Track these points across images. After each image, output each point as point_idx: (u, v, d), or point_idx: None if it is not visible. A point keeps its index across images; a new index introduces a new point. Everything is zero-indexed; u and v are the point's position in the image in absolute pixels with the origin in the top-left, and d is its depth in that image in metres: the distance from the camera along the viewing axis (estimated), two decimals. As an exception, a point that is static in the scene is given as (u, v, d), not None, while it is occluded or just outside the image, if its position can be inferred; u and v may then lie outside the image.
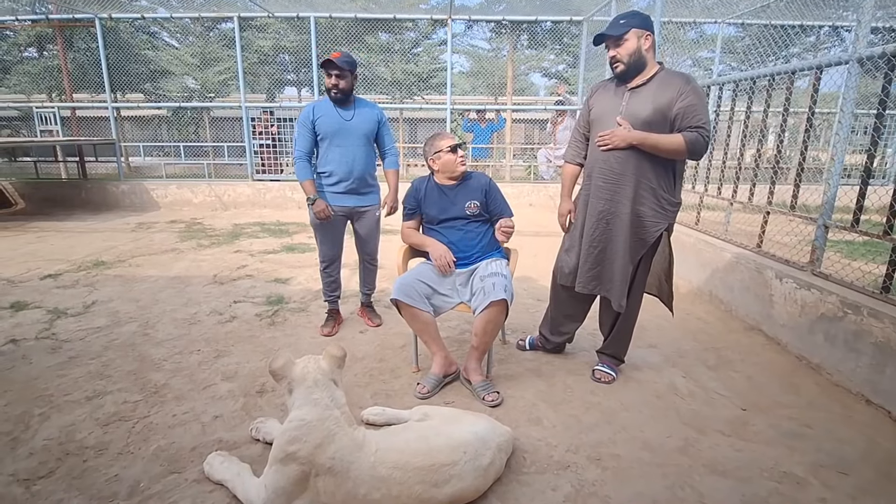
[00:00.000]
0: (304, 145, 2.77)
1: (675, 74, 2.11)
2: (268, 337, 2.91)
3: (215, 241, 5.36)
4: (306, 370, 1.67)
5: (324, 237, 2.90)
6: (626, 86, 2.17)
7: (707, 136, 2.04)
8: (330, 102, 2.78)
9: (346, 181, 2.80)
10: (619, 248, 2.21)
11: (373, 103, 2.92)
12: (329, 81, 2.70)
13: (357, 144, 2.79)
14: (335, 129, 2.74)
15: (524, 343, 2.80)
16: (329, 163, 2.79)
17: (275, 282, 3.93)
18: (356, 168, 2.80)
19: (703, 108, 2.04)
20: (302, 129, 2.76)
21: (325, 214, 2.74)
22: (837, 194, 2.71)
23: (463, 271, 2.43)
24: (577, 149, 2.42)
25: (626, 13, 2.11)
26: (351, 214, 2.92)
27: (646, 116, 2.08)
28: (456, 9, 7.21)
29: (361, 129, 2.80)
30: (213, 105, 11.20)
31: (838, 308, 2.48)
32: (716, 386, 2.49)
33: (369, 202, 2.93)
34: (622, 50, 2.10)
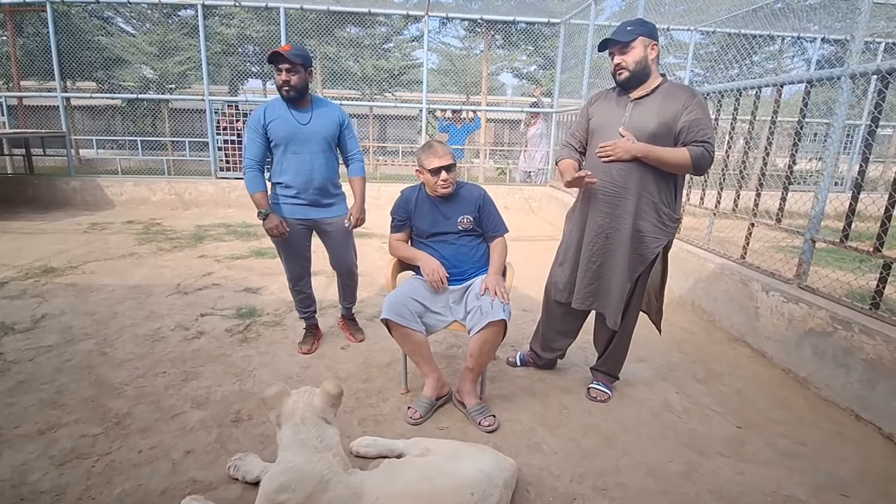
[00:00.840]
0: (254, 152, 2.46)
1: (679, 87, 2.05)
2: (240, 356, 2.70)
3: (177, 244, 5.03)
4: (296, 406, 1.51)
5: (287, 254, 2.63)
6: (628, 96, 2.09)
7: (712, 151, 1.99)
8: (284, 103, 2.46)
9: (305, 192, 2.52)
10: (618, 263, 2.14)
11: (333, 103, 2.63)
12: (279, 78, 2.37)
13: (316, 151, 2.50)
14: (290, 135, 2.44)
15: (514, 360, 2.70)
16: (284, 172, 2.50)
17: (245, 291, 3.69)
18: (315, 178, 2.51)
19: (708, 123, 1.99)
20: (252, 134, 2.45)
21: (279, 232, 2.45)
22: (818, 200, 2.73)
23: (456, 288, 2.29)
24: (571, 150, 2.32)
25: (634, 21, 2.04)
26: (314, 227, 2.64)
27: (650, 129, 2.02)
28: (431, 5, 7.04)
29: (320, 133, 2.50)
30: (172, 97, 10.60)
31: (828, 323, 2.49)
32: (708, 402, 2.47)
33: (334, 213, 2.63)
34: (628, 57, 2.02)
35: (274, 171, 2.54)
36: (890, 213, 2.32)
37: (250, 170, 2.47)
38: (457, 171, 2.34)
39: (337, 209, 2.66)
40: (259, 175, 2.48)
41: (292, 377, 2.49)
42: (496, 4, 8.00)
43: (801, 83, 2.80)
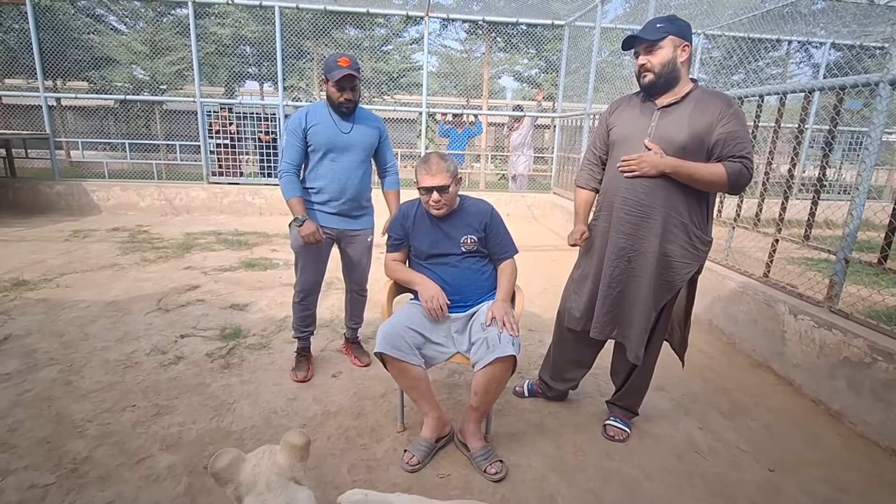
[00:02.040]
0: (293, 156, 2.38)
1: (713, 94, 1.81)
2: (220, 385, 2.45)
3: (163, 254, 4.77)
4: (257, 471, 1.27)
5: (307, 263, 2.49)
6: (654, 103, 1.86)
7: (751, 167, 1.76)
8: (326, 109, 2.40)
9: (336, 201, 2.43)
10: (642, 290, 1.90)
11: (374, 115, 2.56)
12: (342, 95, 2.32)
13: (354, 161, 2.43)
14: (330, 142, 2.37)
15: (522, 390, 2.47)
16: (319, 178, 2.41)
17: (231, 308, 3.44)
18: (350, 187, 2.43)
19: (746, 136, 1.76)
20: (292, 137, 2.37)
21: (316, 238, 2.33)
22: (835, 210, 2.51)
23: (459, 316, 2.05)
24: (591, 172, 2.10)
25: (664, 17, 1.80)
26: (339, 237, 2.53)
27: (679, 141, 1.78)
28: (431, 6, 6.82)
29: (361, 143, 2.44)
30: (163, 98, 10.34)
31: (866, 353, 2.26)
32: (735, 439, 2.24)
33: (361, 226, 2.55)
34: (655, 58, 1.79)
35: (308, 175, 2.45)
36: (939, 233, 2.10)
37: (287, 174, 2.38)
38: (457, 188, 2.07)
39: (365, 221, 2.58)
40: (296, 180, 2.40)
41: (276, 411, 2.25)
42: (498, 6, 7.79)
43: (832, 89, 2.57)
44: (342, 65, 2.26)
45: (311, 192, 2.44)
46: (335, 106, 2.36)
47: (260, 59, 12.20)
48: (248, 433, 2.08)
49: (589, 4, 6.72)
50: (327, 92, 2.35)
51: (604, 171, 2.07)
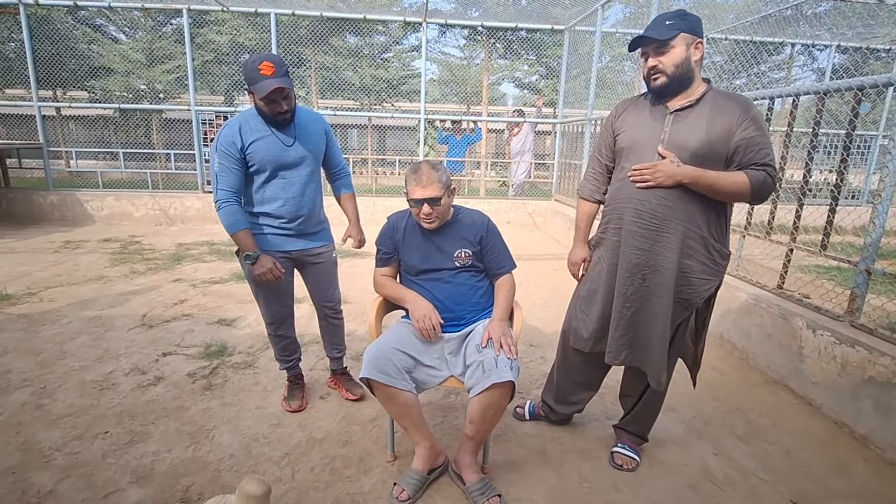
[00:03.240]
0: (231, 181, 1.99)
1: (729, 96, 1.66)
2: (200, 409, 2.29)
3: (153, 266, 4.64)
4: None
5: (269, 295, 2.20)
6: (665, 106, 1.71)
7: (775, 175, 1.61)
8: (259, 118, 2.02)
9: (293, 222, 2.13)
10: (660, 310, 1.74)
11: (314, 113, 2.23)
12: (276, 108, 1.95)
13: (305, 174, 2.11)
14: (276, 159, 2.03)
15: (523, 412, 2.30)
16: (269, 200, 2.08)
17: (218, 323, 3.29)
18: (305, 204, 2.13)
19: (767, 142, 1.61)
20: (226, 159, 1.97)
21: (275, 275, 2.02)
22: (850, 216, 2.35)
23: (453, 336, 1.90)
24: (596, 183, 1.94)
25: (673, 13, 1.65)
26: (299, 259, 2.24)
27: (696, 148, 1.62)
28: (429, 13, 6.73)
29: (309, 153, 2.11)
30: (158, 107, 10.27)
31: (894, 373, 2.09)
32: (753, 467, 2.07)
33: (322, 241, 2.27)
34: (666, 59, 1.63)
35: (254, 200, 2.09)
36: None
37: (228, 203, 1.99)
38: (450, 200, 1.92)
39: (325, 235, 2.30)
40: (239, 209, 2.02)
41: (258, 439, 2.09)
42: (496, 11, 7.69)
43: (849, 90, 2.42)
44: (266, 73, 1.86)
45: (262, 217, 2.10)
46: (269, 119, 2.00)
47: (259, 68, 12.13)
48: (226, 463, 1.93)
49: (589, 9, 6.61)
50: (256, 106, 1.98)
51: (610, 180, 1.91)
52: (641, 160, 1.69)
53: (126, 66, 10.88)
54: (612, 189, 1.86)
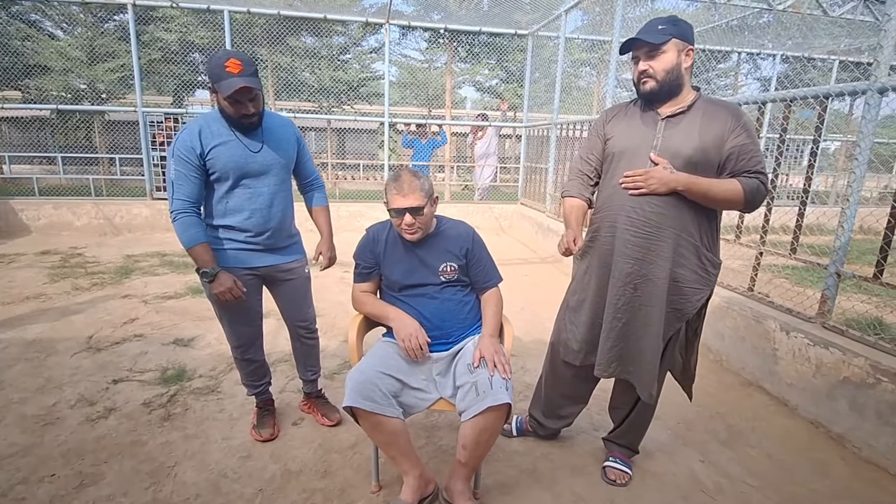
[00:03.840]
0: (189, 191, 1.80)
1: (719, 104, 1.65)
2: (159, 443, 2.07)
3: (98, 280, 4.26)
4: None
5: (234, 317, 2.00)
6: (656, 113, 1.67)
7: (767, 183, 1.60)
8: (222, 121, 1.84)
9: (260, 235, 1.94)
10: (652, 321, 1.69)
11: (284, 118, 2.04)
12: (242, 109, 1.78)
13: (273, 184, 1.93)
14: (241, 166, 1.84)
15: (510, 428, 2.22)
16: (233, 212, 1.89)
17: (174, 344, 3.03)
18: (275, 216, 1.95)
19: (758, 150, 1.60)
20: (183, 166, 1.78)
21: (236, 295, 1.84)
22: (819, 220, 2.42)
23: (442, 356, 1.79)
24: (582, 184, 1.87)
25: (666, 18, 1.62)
26: (268, 276, 2.05)
27: (689, 155, 1.60)
28: (392, 14, 6.59)
29: (278, 161, 1.93)
30: (101, 108, 9.62)
31: (868, 374, 2.15)
32: (740, 472, 2.07)
33: (294, 256, 2.09)
34: (657, 63, 1.60)
35: (214, 211, 1.90)
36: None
37: (185, 214, 1.80)
38: (433, 209, 1.82)
39: (296, 249, 2.11)
40: (198, 221, 1.83)
41: (227, 474, 1.90)
42: (459, 14, 7.65)
43: (816, 97, 2.49)
44: (232, 70, 1.70)
45: (225, 230, 1.91)
46: (234, 122, 1.82)
47: (212, 67, 11.60)
48: (192, 506, 1.74)
49: (549, 14, 6.67)
50: (219, 106, 1.80)
51: (596, 185, 1.86)
52: (634, 167, 1.65)
53: (64, 63, 10.13)
54: (602, 196, 1.81)
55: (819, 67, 9.76)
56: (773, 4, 4.70)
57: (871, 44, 7.86)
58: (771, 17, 8.25)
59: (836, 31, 7.27)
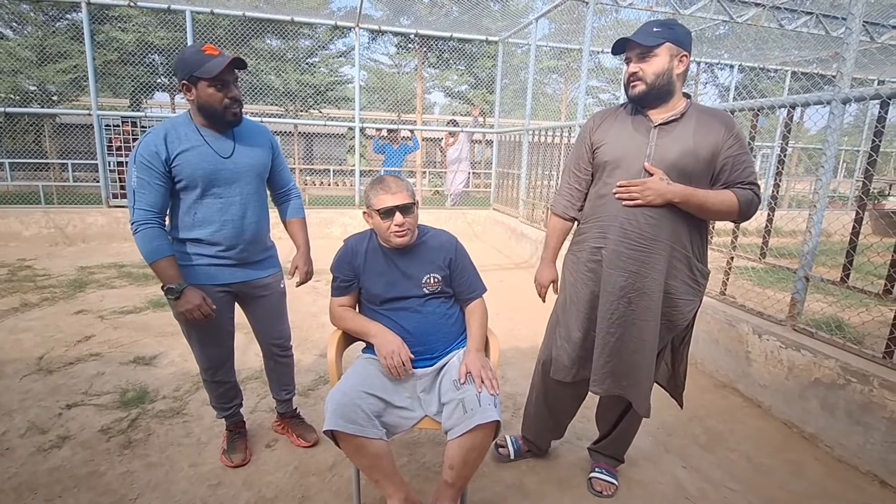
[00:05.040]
0: (153, 199, 1.67)
1: (712, 112, 1.63)
2: (119, 473, 1.92)
3: (49, 295, 3.99)
4: None
5: (203, 337, 1.88)
6: (648, 120, 1.63)
7: (759, 195, 1.61)
8: (193, 126, 1.74)
9: (232, 249, 1.82)
10: (646, 335, 1.65)
11: (258, 124, 1.95)
12: (227, 95, 1.69)
13: (247, 193, 1.82)
14: (210, 173, 1.72)
15: (507, 450, 2.08)
16: (202, 224, 1.76)
17: (134, 363, 2.84)
18: (248, 228, 1.83)
19: (751, 160, 1.60)
20: (146, 173, 1.66)
21: (205, 313, 1.71)
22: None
23: (425, 372, 1.72)
24: (571, 198, 1.82)
25: (661, 21, 1.59)
26: (240, 292, 1.93)
27: (684, 164, 1.57)
28: (361, 18, 6.50)
29: (251, 167, 1.82)
30: (52, 111, 9.10)
31: (839, 374, 2.21)
32: (721, 476, 2.09)
33: (268, 271, 1.97)
34: (648, 66, 1.57)
35: (181, 224, 1.77)
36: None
37: (146, 225, 1.66)
38: (417, 213, 1.77)
39: (271, 263, 2.00)
40: (162, 233, 1.70)
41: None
42: (429, 20, 7.63)
43: (783, 107, 2.57)
44: (213, 53, 1.64)
45: (194, 244, 1.78)
46: (217, 115, 1.71)
47: (170, 69, 11.17)
48: (157, 543, 1.61)
49: (517, 23, 6.73)
50: (200, 100, 1.68)
51: (586, 196, 1.81)
52: (627, 176, 1.61)
53: (12, 64, 9.54)
54: (591, 205, 1.76)
55: (772, 77, 10.24)
56: (735, 17, 4.87)
57: (820, 56, 8.32)
58: (726, 29, 8.61)
59: (787, 44, 7.62)
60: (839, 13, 5.62)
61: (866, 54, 7.33)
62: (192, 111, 1.76)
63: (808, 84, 3.28)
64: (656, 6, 4.98)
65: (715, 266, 3.31)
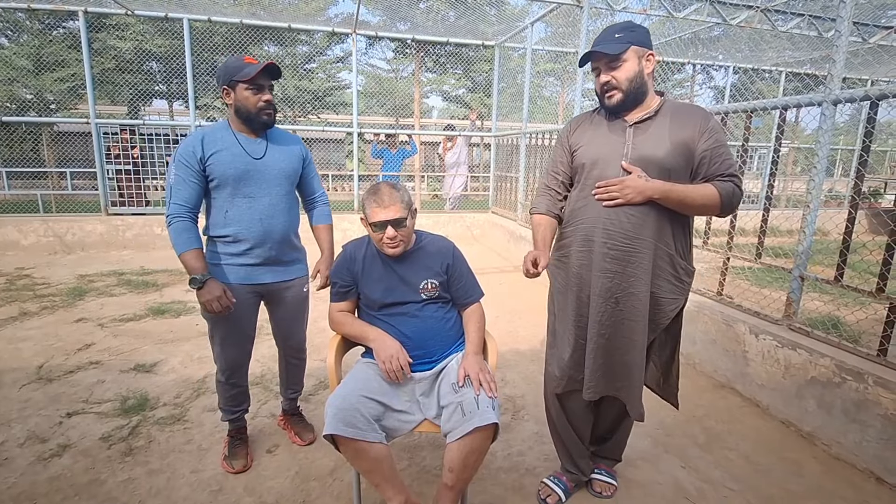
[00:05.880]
0: (187, 195, 1.81)
1: (686, 107, 1.64)
2: (121, 481, 1.93)
3: (48, 303, 3.99)
4: None
5: (226, 336, 1.95)
6: (623, 120, 1.64)
7: (741, 186, 1.60)
8: (229, 131, 1.89)
9: (260, 248, 1.91)
10: (635, 335, 1.65)
11: (292, 134, 2.09)
12: (261, 98, 1.84)
13: (276, 194, 1.93)
14: (241, 172, 1.85)
15: (556, 496, 1.88)
16: (232, 222, 1.87)
17: (134, 370, 2.85)
18: (276, 228, 1.93)
19: (729, 151, 1.60)
20: (183, 170, 1.81)
21: (222, 306, 1.78)
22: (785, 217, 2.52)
23: (424, 375, 1.74)
24: (551, 199, 1.80)
25: (622, 25, 1.59)
26: (266, 293, 2.02)
27: (662, 160, 1.56)
28: (358, 24, 6.54)
29: (281, 169, 1.94)
30: (51, 119, 9.13)
31: (834, 373, 2.23)
32: (720, 476, 2.10)
33: (294, 274, 2.05)
34: (619, 74, 1.56)
35: (213, 222, 1.90)
36: (893, 250, 2.12)
37: (179, 219, 1.79)
38: (413, 222, 1.78)
39: (298, 268, 2.08)
40: (192, 227, 1.82)
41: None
42: (426, 25, 7.68)
43: (775, 108, 2.59)
44: (251, 62, 1.81)
45: (223, 242, 1.89)
46: (252, 116, 1.85)
47: (169, 76, 11.20)
48: (159, 549, 1.61)
49: (513, 27, 6.77)
50: (238, 102, 1.84)
51: (565, 198, 1.80)
52: (605, 176, 1.60)
53: (8, 73, 9.57)
54: (572, 208, 1.72)
55: (767, 78, 10.30)
56: (728, 19, 4.91)
57: (813, 57, 8.38)
58: (721, 31, 8.67)
59: (782, 45, 7.68)
60: (830, 14, 5.67)
61: (859, 55, 7.39)
62: (229, 117, 1.92)
63: (803, 84, 3.32)
64: (650, 9, 5.01)
65: (712, 266, 3.35)
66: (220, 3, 6.24)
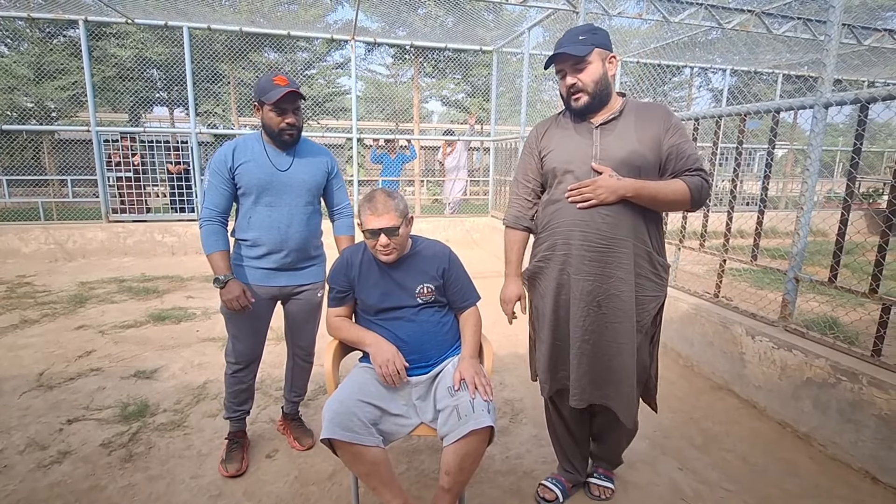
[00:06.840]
0: (217, 200, 1.96)
1: (648, 105, 1.66)
2: (121, 487, 1.94)
3: (49, 311, 4.02)
4: None
5: (240, 331, 2.06)
6: (589, 122, 1.65)
7: (709, 180, 1.62)
8: (260, 142, 2.00)
9: (277, 254, 2.01)
10: (622, 338, 1.64)
11: (321, 147, 2.16)
12: (284, 120, 1.93)
13: (295, 205, 2.02)
14: (264, 182, 1.96)
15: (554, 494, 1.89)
16: (253, 227, 2.00)
17: (135, 377, 2.87)
18: (293, 236, 2.02)
19: (693, 146, 1.62)
20: (215, 178, 1.96)
21: (241, 305, 1.90)
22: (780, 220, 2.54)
23: (421, 379, 1.75)
24: (522, 209, 1.79)
25: (583, 28, 1.60)
26: (281, 296, 2.12)
27: (630, 159, 1.58)
28: (357, 30, 6.59)
29: (303, 182, 2.03)
30: (52, 128, 9.17)
31: (829, 374, 2.24)
32: (717, 477, 2.11)
33: (309, 279, 2.13)
34: (585, 76, 1.58)
35: (239, 226, 2.04)
36: (885, 251, 2.14)
37: (209, 222, 1.95)
38: (408, 229, 1.79)
39: (313, 273, 2.16)
40: (220, 230, 1.97)
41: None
42: (424, 31, 7.72)
43: (768, 112, 2.62)
44: (279, 83, 1.89)
45: (245, 245, 2.02)
46: (275, 135, 1.96)
47: (169, 84, 11.26)
48: (159, 554, 1.63)
49: (511, 32, 6.82)
50: (264, 120, 1.96)
51: (537, 205, 1.79)
52: (577, 179, 1.60)
53: (8, 81, 9.63)
54: (546, 213, 1.71)
55: (765, 80, 10.34)
56: (723, 23, 4.94)
57: (810, 59, 8.42)
58: (718, 34, 8.72)
59: (779, 47, 7.71)
60: (822, 17, 5.70)
61: (855, 56, 7.42)
62: (261, 129, 2.02)
63: (804, 85, 3.35)
64: (646, 14, 5.05)
65: (709, 268, 3.37)
66: (219, 11, 6.28)
